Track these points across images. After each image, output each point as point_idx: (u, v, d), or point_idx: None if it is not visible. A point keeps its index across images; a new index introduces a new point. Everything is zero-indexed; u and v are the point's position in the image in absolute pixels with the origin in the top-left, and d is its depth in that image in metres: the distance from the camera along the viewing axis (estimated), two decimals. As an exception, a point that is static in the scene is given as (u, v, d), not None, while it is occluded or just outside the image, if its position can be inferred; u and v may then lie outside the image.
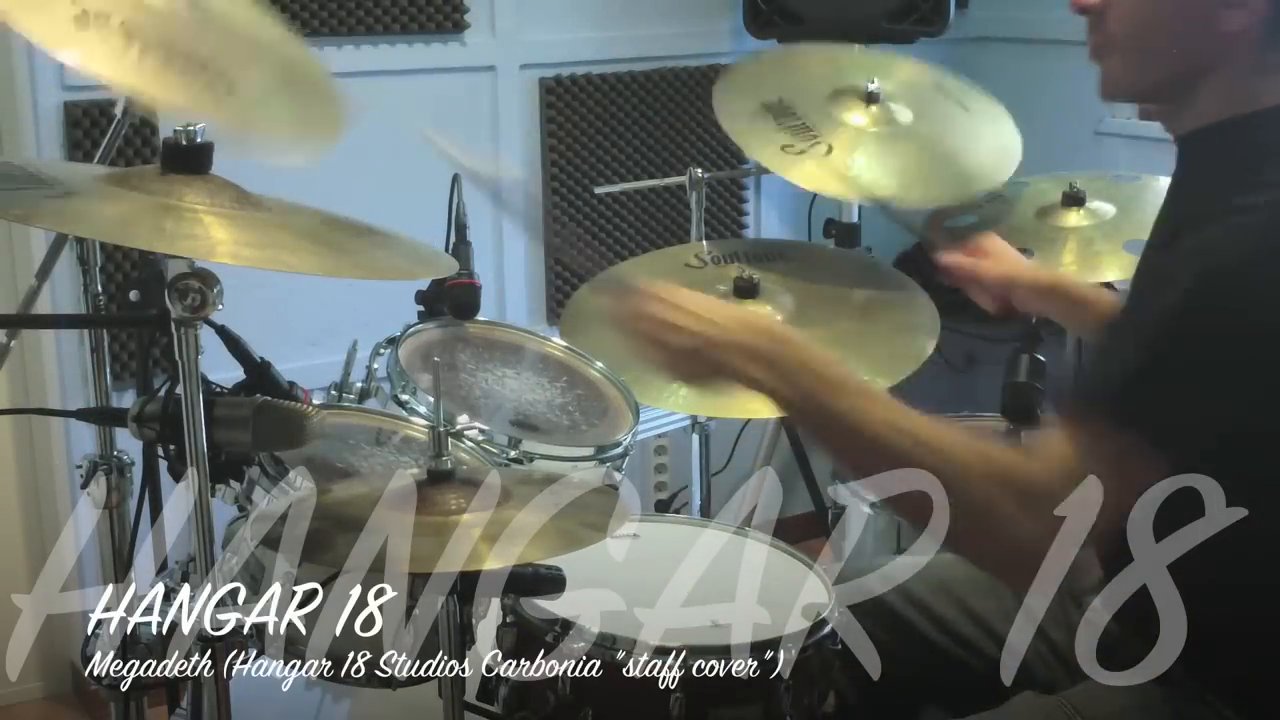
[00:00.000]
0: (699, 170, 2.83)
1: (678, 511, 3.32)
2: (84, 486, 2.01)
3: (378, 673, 1.79)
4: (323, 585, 1.66)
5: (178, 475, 1.57)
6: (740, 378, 1.56)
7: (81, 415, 1.72)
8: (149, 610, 2.07)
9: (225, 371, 1.67)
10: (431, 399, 1.71)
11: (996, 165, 2.69)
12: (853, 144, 2.66)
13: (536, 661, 1.71)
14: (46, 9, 1.46)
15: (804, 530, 3.48)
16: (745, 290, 2.47)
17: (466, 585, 1.52)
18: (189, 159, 1.48)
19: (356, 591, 1.70)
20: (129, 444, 1.79)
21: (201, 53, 1.56)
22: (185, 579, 2.09)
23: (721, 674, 1.66)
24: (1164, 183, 1.68)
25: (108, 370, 2.05)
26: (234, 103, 1.59)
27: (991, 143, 2.75)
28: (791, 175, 2.65)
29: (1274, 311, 1.41)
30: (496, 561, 1.47)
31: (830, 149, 2.65)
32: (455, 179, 2.48)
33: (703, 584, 1.85)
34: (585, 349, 2.42)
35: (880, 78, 2.67)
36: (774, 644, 1.68)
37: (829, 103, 2.77)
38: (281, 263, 1.47)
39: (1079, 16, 1.61)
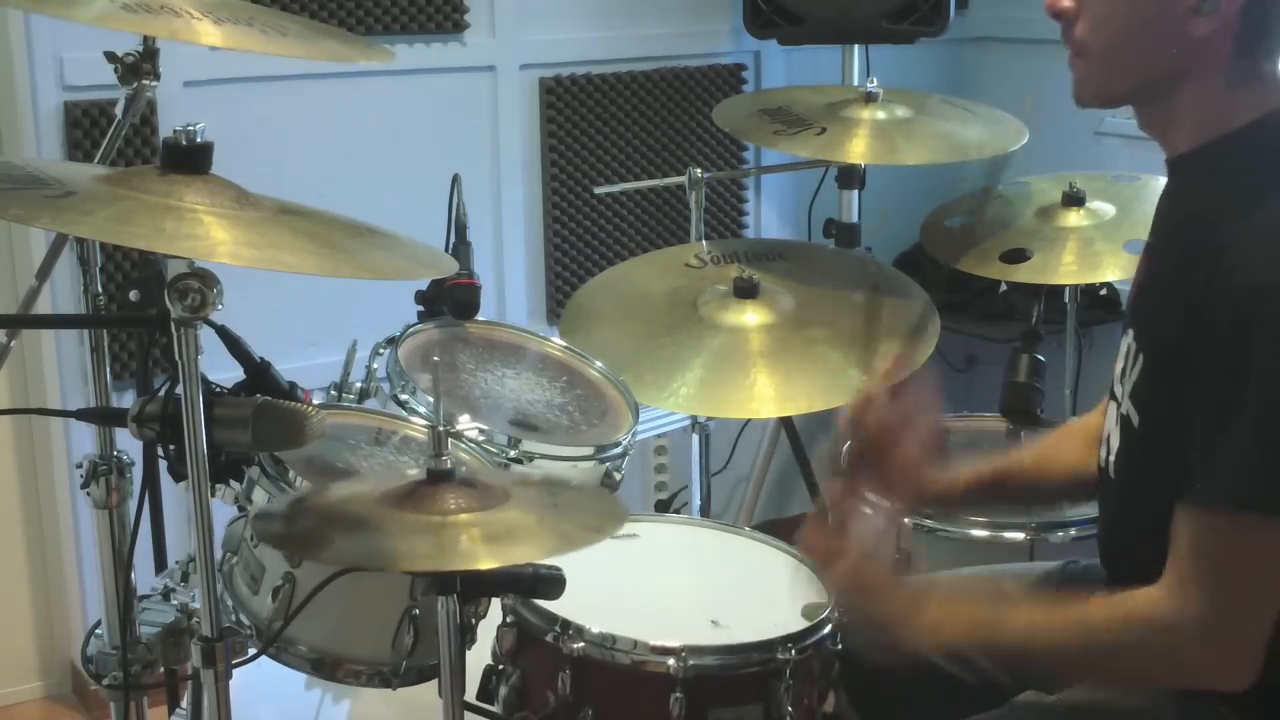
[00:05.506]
0: (699, 170, 2.83)
1: (678, 511, 3.32)
2: (84, 486, 2.01)
3: (378, 673, 1.79)
4: (322, 585, 1.66)
5: (178, 475, 1.57)
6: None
7: (81, 415, 1.72)
8: (149, 610, 2.08)
9: (225, 371, 1.67)
10: (431, 399, 1.71)
11: (997, 140, 2.70)
12: (849, 128, 2.68)
13: (536, 661, 1.71)
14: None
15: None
16: (745, 290, 2.47)
17: (466, 585, 1.52)
18: (189, 159, 1.48)
19: (355, 591, 1.70)
20: (129, 444, 1.78)
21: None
22: (185, 579, 2.09)
23: (721, 674, 1.66)
24: (1163, 183, 1.68)
25: (108, 370, 2.05)
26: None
27: (993, 126, 2.76)
28: (782, 148, 2.68)
29: None
30: (494, 561, 1.47)
31: (824, 130, 2.66)
32: (455, 179, 2.48)
33: (703, 584, 1.86)
34: (585, 349, 2.42)
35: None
36: (774, 644, 1.68)
37: (827, 105, 2.78)
38: (281, 263, 1.46)
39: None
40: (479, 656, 1.70)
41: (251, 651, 1.74)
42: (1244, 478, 1.42)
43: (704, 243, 2.72)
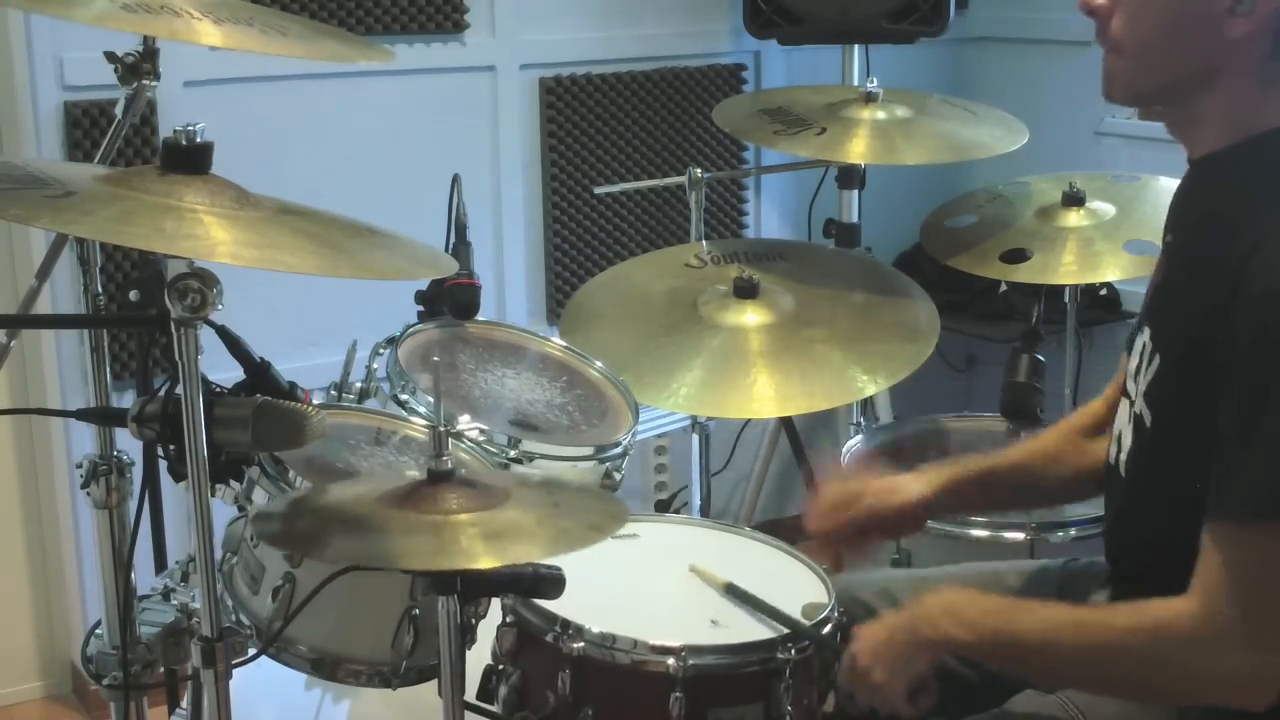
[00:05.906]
0: (699, 170, 2.83)
1: (678, 511, 3.32)
2: (84, 486, 2.01)
3: (378, 673, 1.79)
4: (322, 585, 1.66)
5: (178, 475, 1.57)
6: (943, 648, 1.62)
7: (81, 415, 1.72)
8: (149, 610, 2.08)
9: (225, 371, 1.67)
10: (431, 399, 1.71)
11: (997, 140, 2.70)
12: (849, 128, 2.68)
13: (536, 661, 1.71)
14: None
15: (804, 530, 3.49)
16: (745, 290, 2.47)
17: (467, 585, 1.52)
18: (189, 159, 1.48)
19: (355, 591, 1.70)
20: (129, 444, 1.79)
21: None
22: (185, 579, 2.09)
23: (721, 674, 1.66)
24: (1164, 183, 1.68)
25: (108, 370, 2.05)
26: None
27: (994, 127, 2.76)
28: (782, 148, 2.68)
29: None
30: (495, 561, 1.47)
31: (824, 130, 2.66)
32: (455, 179, 2.48)
33: (703, 584, 1.85)
34: (585, 349, 2.42)
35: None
36: (774, 644, 1.68)
37: (827, 105, 2.78)
38: (281, 263, 1.46)
39: (1080, 16, 1.61)
40: (479, 656, 1.70)
41: (251, 651, 1.74)
42: (1268, 488, 1.41)
43: (704, 243, 2.72)
